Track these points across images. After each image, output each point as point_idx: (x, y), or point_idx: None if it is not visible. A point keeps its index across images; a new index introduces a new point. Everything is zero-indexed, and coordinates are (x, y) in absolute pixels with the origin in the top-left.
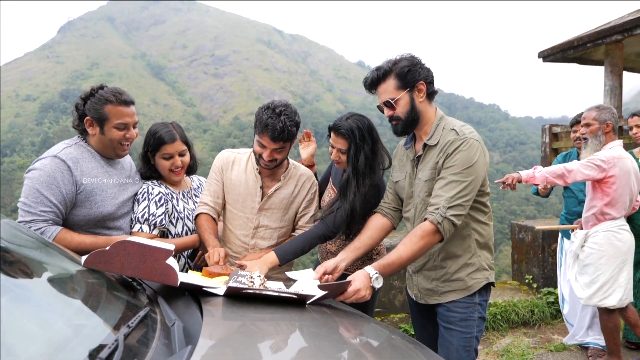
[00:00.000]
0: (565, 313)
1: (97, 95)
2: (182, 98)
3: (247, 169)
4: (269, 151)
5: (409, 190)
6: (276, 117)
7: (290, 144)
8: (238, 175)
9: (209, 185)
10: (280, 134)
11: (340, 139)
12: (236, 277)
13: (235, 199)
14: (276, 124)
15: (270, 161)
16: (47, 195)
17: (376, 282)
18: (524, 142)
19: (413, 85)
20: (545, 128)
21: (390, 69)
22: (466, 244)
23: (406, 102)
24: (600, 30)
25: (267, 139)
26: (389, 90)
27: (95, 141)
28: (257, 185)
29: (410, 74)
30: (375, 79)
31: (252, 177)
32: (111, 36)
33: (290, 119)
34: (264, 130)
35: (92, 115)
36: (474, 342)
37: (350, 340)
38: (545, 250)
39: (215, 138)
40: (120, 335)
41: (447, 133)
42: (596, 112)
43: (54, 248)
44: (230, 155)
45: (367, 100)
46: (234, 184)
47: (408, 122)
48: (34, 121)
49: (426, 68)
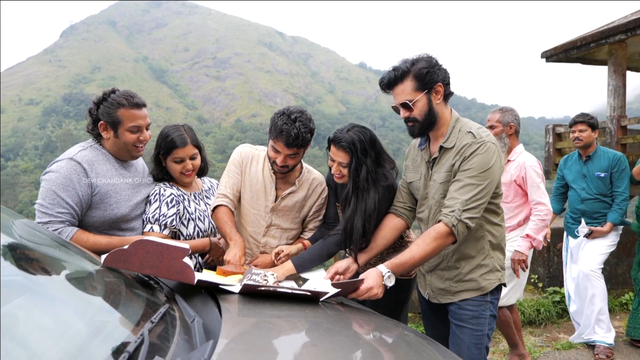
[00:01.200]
0: (572, 311)
1: (110, 99)
2: (184, 101)
3: (265, 168)
4: (283, 156)
5: (423, 191)
6: (291, 123)
7: (304, 150)
8: (256, 172)
9: (227, 177)
10: (295, 140)
11: (341, 152)
12: (250, 275)
13: (251, 195)
14: (291, 130)
15: (283, 166)
16: (64, 197)
17: (388, 281)
18: (526, 143)
19: (431, 87)
20: (549, 128)
21: (409, 69)
22: (480, 246)
23: (424, 104)
24: (603, 30)
25: (281, 145)
26: (406, 92)
27: (110, 144)
28: (272, 186)
29: (428, 76)
30: (392, 79)
31: (269, 177)
32: (113, 40)
33: (305, 126)
34: (279, 135)
35: (106, 119)
36: (485, 340)
37: (364, 336)
38: (551, 249)
39: (217, 140)
40: (145, 330)
41: (463, 136)
42: (500, 114)
43: (72, 248)
44: (250, 150)
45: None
46: (252, 180)
47: (425, 124)
48: (37, 125)
49: (443, 69)
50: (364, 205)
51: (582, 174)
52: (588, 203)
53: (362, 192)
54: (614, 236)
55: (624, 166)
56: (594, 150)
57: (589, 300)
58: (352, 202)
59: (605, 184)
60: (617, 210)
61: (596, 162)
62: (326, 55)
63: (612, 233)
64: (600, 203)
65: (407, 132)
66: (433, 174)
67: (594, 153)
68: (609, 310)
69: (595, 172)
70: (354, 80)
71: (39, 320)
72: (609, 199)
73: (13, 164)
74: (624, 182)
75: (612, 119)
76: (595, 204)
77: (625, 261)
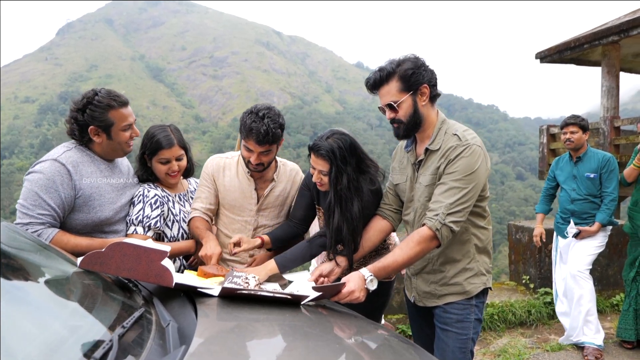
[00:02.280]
0: (559, 312)
1: (96, 102)
2: (181, 100)
3: (239, 173)
4: (256, 155)
5: (409, 194)
6: (260, 120)
7: (277, 146)
8: (231, 181)
9: (200, 192)
10: (265, 137)
11: (320, 160)
12: (231, 277)
13: (231, 204)
14: (260, 127)
15: (258, 165)
16: (46, 199)
17: (370, 284)
18: (522, 143)
19: (416, 89)
20: (543, 129)
21: (394, 70)
22: (465, 249)
23: (409, 105)
24: (597, 31)
25: (252, 143)
26: (391, 93)
27: (103, 147)
28: (251, 188)
29: (414, 77)
30: (377, 80)
31: (245, 181)
32: (110, 38)
33: (274, 122)
34: (249, 134)
35: (97, 123)
36: (469, 344)
37: (344, 340)
38: (542, 250)
39: (214, 139)
40: (115, 336)
41: (449, 138)
42: None
43: (50, 250)
44: (220, 160)
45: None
46: (228, 190)
47: (410, 125)
48: (33, 123)
49: (430, 70)
50: (349, 214)
51: (572, 174)
52: (577, 203)
53: (345, 201)
54: (602, 237)
55: (613, 167)
56: (585, 151)
57: (576, 301)
58: (337, 211)
59: (594, 184)
60: (605, 211)
61: (586, 163)
62: (323, 55)
63: (600, 234)
64: (589, 204)
65: (393, 133)
66: (419, 177)
67: (584, 154)
68: (599, 312)
69: (585, 173)
70: (351, 80)
71: (9, 324)
72: (599, 199)
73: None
74: (612, 182)
75: (606, 120)
76: (584, 204)
77: (617, 262)
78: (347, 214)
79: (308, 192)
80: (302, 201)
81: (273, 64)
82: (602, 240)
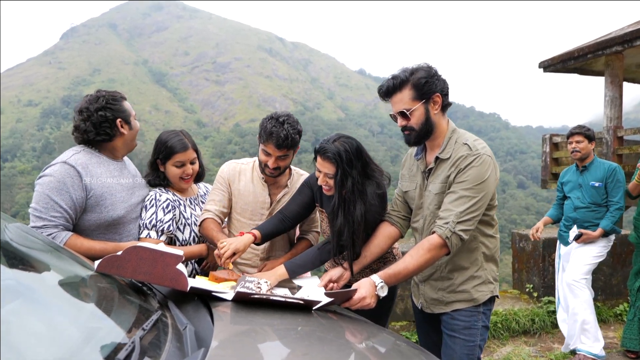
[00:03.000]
0: (559, 318)
1: (109, 98)
2: (183, 105)
3: (254, 179)
4: (274, 159)
5: (418, 201)
6: (280, 125)
7: (293, 152)
8: (246, 185)
9: (213, 194)
10: (284, 141)
11: (326, 163)
12: (244, 282)
13: (244, 207)
14: (280, 132)
15: (275, 169)
16: (58, 201)
17: (381, 291)
18: (524, 152)
19: (429, 97)
20: (546, 138)
21: (407, 78)
22: (473, 257)
23: (421, 113)
24: (600, 41)
25: (272, 147)
26: (404, 101)
27: (124, 141)
28: (265, 194)
29: (427, 86)
30: (391, 87)
31: (260, 186)
32: (113, 42)
33: (293, 127)
34: (269, 138)
35: (123, 116)
36: (477, 351)
37: (356, 344)
38: (545, 259)
39: (216, 145)
40: (137, 337)
41: (459, 147)
42: None
43: (66, 253)
44: (236, 166)
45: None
46: (243, 194)
47: (422, 133)
48: (35, 126)
49: (442, 80)
50: (351, 217)
51: (578, 183)
52: (580, 211)
53: (348, 204)
54: (601, 247)
55: (619, 177)
56: (591, 161)
57: (572, 310)
58: (340, 214)
59: (599, 193)
60: (609, 218)
61: (592, 172)
62: (326, 62)
63: (599, 243)
64: (592, 212)
65: (404, 140)
66: (428, 184)
67: (591, 164)
68: (603, 321)
69: (590, 182)
70: (353, 87)
71: (30, 326)
72: (602, 208)
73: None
74: (619, 192)
75: (609, 130)
76: (587, 212)
77: (620, 272)
78: (349, 217)
79: (309, 191)
80: (300, 198)
81: (275, 70)
82: (600, 251)
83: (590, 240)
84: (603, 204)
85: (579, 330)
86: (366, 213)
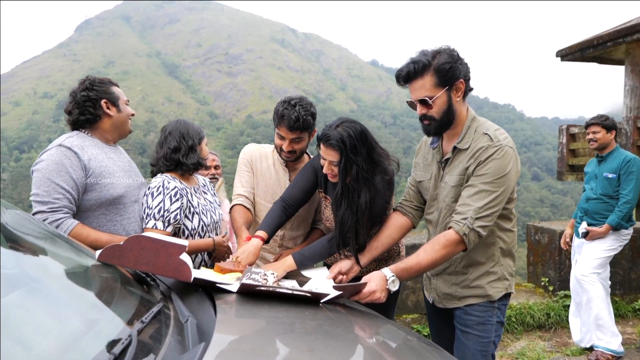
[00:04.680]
0: (570, 311)
1: (94, 80)
2: (195, 96)
3: (275, 164)
4: (288, 142)
5: (433, 192)
6: (291, 107)
7: (309, 135)
8: (268, 168)
9: (240, 177)
10: (296, 123)
11: (330, 150)
12: (249, 274)
13: (265, 190)
14: (292, 114)
15: (290, 152)
16: (59, 182)
17: (392, 285)
18: (539, 143)
19: (452, 84)
20: (563, 129)
21: (430, 63)
22: (490, 252)
23: (443, 101)
24: (621, 28)
25: (284, 129)
26: (425, 87)
27: (112, 123)
28: (286, 178)
29: (450, 71)
30: (412, 72)
31: (281, 171)
32: (127, 35)
33: (305, 110)
34: (281, 120)
35: (108, 97)
36: (491, 347)
37: (365, 339)
38: (562, 252)
39: (228, 136)
40: (134, 331)
41: (479, 137)
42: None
43: (67, 242)
44: (257, 148)
45: (379, 99)
46: (265, 176)
47: (443, 123)
48: (51, 118)
49: (465, 64)
50: (355, 207)
51: (594, 174)
52: (591, 203)
53: (352, 192)
54: (612, 241)
55: (633, 169)
56: (610, 151)
57: (585, 305)
58: (343, 203)
59: (611, 185)
60: (617, 213)
61: (609, 163)
62: (338, 53)
63: (610, 237)
64: (603, 204)
65: (422, 129)
66: (444, 175)
67: (609, 154)
68: (621, 316)
69: (604, 173)
70: (366, 78)
71: (27, 316)
72: (614, 201)
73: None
74: (630, 184)
75: (629, 120)
76: (597, 204)
77: (639, 265)
78: (353, 206)
79: (314, 176)
80: (303, 183)
81: (287, 62)
82: (612, 244)
83: (598, 236)
84: (615, 196)
85: (593, 326)
86: (371, 201)
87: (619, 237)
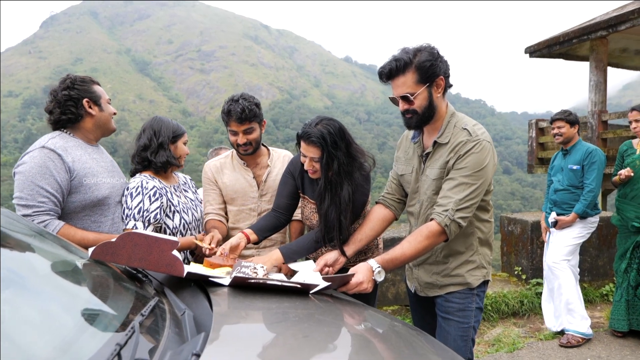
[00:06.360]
0: (542, 298)
1: (76, 79)
2: (168, 94)
3: (235, 168)
4: (241, 134)
5: (414, 185)
6: (235, 102)
7: (259, 124)
8: (231, 177)
9: (207, 196)
10: (243, 114)
11: (311, 147)
12: (240, 267)
13: (233, 197)
14: (237, 107)
15: (246, 144)
16: (43, 185)
17: (378, 276)
18: (509, 137)
19: (433, 81)
20: (532, 123)
21: (411, 61)
22: (469, 242)
23: (424, 97)
24: (585, 26)
25: (234, 123)
26: (407, 84)
27: (94, 122)
28: (250, 177)
29: (431, 69)
30: (394, 70)
31: (244, 172)
32: (95, 31)
33: (249, 101)
34: (229, 116)
35: (89, 95)
36: (471, 332)
37: (354, 326)
38: (534, 242)
39: (202, 134)
40: (136, 323)
41: (458, 132)
42: None
43: (58, 241)
44: (216, 163)
45: (354, 96)
46: (230, 185)
47: (424, 117)
48: (17, 117)
49: (445, 61)
50: (338, 199)
51: (560, 167)
52: (559, 194)
53: (335, 186)
54: (580, 228)
55: (595, 159)
56: (573, 144)
57: (556, 290)
58: (327, 197)
59: (576, 176)
60: (582, 202)
61: (573, 155)
62: (312, 49)
63: (578, 225)
64: (570, 194)
65: (404, 123)
66: (425, 169)
67: (573, 147)
68: (590, 302)
69: (569, 165)
70: (340, 75)
71: (27, 315)
72: (580, 191)
73: None
74: (592, 174)
75: (593, 114)
76: (565, 195)
77: (606, 253)
78: (336, 199)
79: (292, 180)
80: (285, 189)
81: (261, 58)
82: (580, 232)
83: (567, 225)
84: (581, 187)
85: (564, 311)
86: (353, 194)
87: (587, 225)
